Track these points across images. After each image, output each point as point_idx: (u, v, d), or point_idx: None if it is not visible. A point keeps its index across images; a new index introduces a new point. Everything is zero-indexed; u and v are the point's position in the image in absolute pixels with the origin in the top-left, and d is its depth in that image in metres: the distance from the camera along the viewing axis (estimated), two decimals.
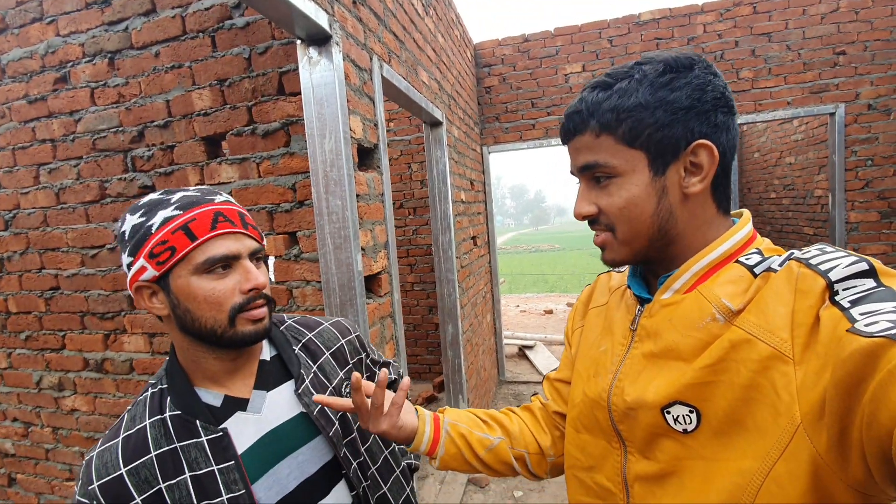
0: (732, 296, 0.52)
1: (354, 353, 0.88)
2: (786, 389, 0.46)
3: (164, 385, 0.69)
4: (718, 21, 3.59)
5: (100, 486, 0.62)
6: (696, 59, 0.56)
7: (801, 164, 4.89)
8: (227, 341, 0.66)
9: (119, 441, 0.66)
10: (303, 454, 0.72)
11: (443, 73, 2.86)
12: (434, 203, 2.78)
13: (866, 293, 0.43)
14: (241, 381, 0.72)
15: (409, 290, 4.45)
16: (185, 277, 0.63)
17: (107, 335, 1.85)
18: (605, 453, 0.64)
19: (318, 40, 1.33)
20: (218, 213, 0.65)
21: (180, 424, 0.66)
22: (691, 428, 0.53)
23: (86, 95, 1.74)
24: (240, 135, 1.52)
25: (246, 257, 0.66)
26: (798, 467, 0.45)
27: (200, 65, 1.54)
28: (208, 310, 0.64)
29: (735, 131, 0.57)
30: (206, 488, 0.63)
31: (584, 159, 0.59)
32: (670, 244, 0.59)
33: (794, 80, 3.48)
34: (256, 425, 0.70)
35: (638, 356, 0.60)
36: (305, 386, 0.75)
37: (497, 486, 2.87)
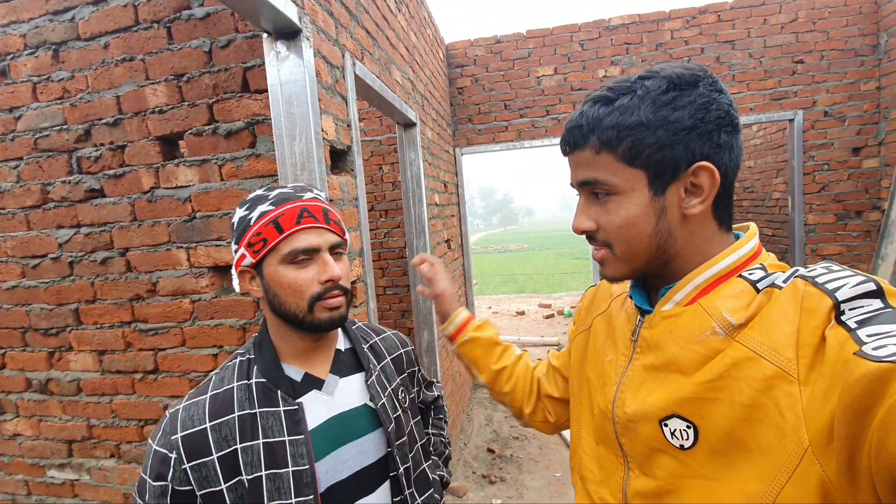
0: (734, 310, 0.52)
1: (409, 365, 0.95)
2: (791, 410, 0.45)
3: (253, 355, 0.76)
4: (685, 28, 3.67)
5: (183, 437, 0.67)
6: (700, 76, 0.54)
7: (760, 168, 5.08)
8: (307, 325, 0.72)
9: (207, 398, 0.71)
10: (361, 444, 0.76)
11: (416, 73, 2.79)
12: (408, 206, 2.70)
13: (873, 314, 0.42)
14: (319, 364, 0.78)
15: (381, 295, 4.35)
16: (274, 266, 0.71)
17: (51, 353, 1.69)
18: (613, 467, 0.64)
19: (286, 34, 1.24)
20: (304, 209, 0.72)
21: (263, 391, 0.72)
22: (688, 444, 0.52)
23: (27, 91, 1.58)
24: (199, 134, 1.40)
25: (326, 250, 0.73)
26: (807, 491, 0.44)
27: (155, 58, 1.41)
28: (291, 296, 0.71)
29: (738, 150, 0.56)
30: (276, 457, 0.68)
31: (584, 175, 0.59)
32: (669, 262, 0.58)
33: (756, 86, 3.60)
34: (327, 406, 0.75)
35: (639, 368, 0.60)
36: (373, 380, 0.81)
37: (475, 494, 2.82)
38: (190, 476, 0.66)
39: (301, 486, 0.68)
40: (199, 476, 0.66)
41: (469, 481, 2.96)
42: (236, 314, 1.46)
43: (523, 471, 3.05)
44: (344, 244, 0.77)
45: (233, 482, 0.67)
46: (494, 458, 3.21)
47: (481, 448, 3.37)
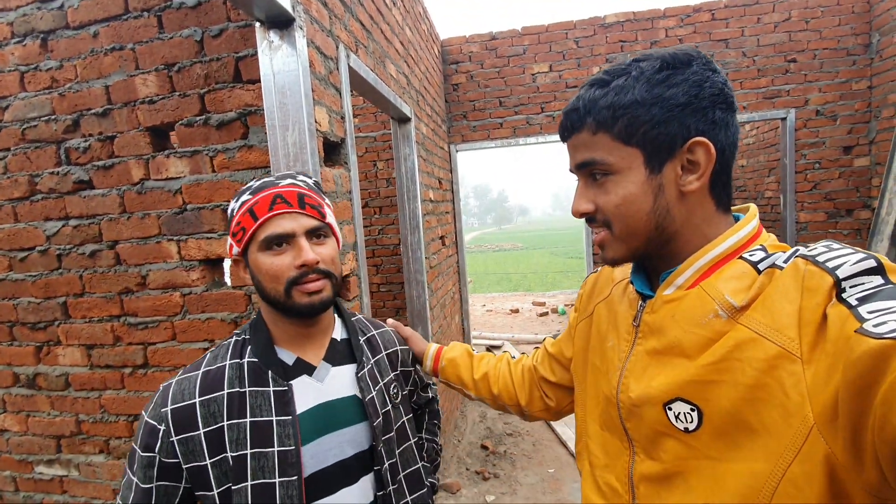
0: (736, 292, 0.52)
1: (405, 364, 0.95)
2: (795, 389, 0.45)
3: (248, 336, 0.78)
4: (679, 26, 3.68)
5: (172, 410, 0.69)
6: (694, 56, 0.55)
7: (753, 167, 5.11)
8: (288, 310, 0.73)
9: (199, 374, 0.73)
10: (346, 434, 0.76)
11: (411, 68, 2.77)
12: (402, 202, 2.69)
13: (874, 290, 0.42)
14: (312, 350, 0.79)
15: (375, 292, 4.34)
16: (254, 253, 0.73)
17: (39, 347, 1.66)
18: (618, 452, 0.64)
19: (279, 23, 1.22)
20: (277, 195, 0.72)
21: (254, 371, 0.73)
22: (692, 427, 0.53)
23: (14, 80, 1.55)
24: (191, 125, 1.38)
25: (301, 235, 0.73)
26: (814, 468, 0.44)
27: (145, 47, 1.39)
28: (270, 281, 0.72)
29: (735, 128, 0.57)
30: (263, 436, 0.69)
31: (582, 157, 0.59)
32: (668, 242, 0.59)
33: (749, 85, 3.61)
34: (316, 393, 0.76)
35: (642, 353, 0.61)
36: (364, 373, 0.82)
37: (469, 490, 2.81)
38: (177, 449, 0.68)
39: (286, 467, 0.69)
40: (185, 449, 0.68)
41: (463, 477, 2.95)
42: (228, 307, 1.44)
43: (517, 467, 3.05)
44: (325, 228, 0.77)
45: (218, 458, 0.68)
46: (488, 455, 3.21)
47: (475, 444, 3.37)
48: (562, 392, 0.88)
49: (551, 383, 0.89)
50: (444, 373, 1.00)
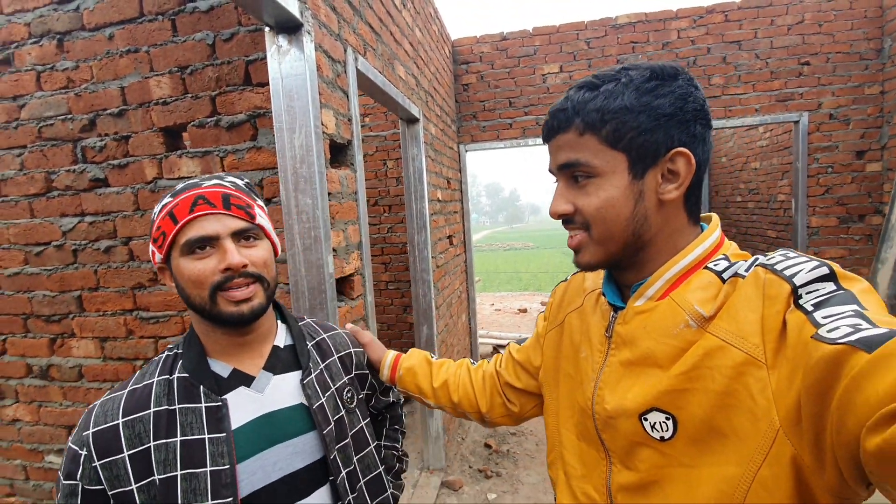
0: (703, 302, 0.54)
1: (359, 367, 0.91)
2: (762, 394, 0.47)
3: (181, 350, 0.73)
4: (692, 27, 3.65)
5: (94, 434, 0.65)
6: (680, 70, 0.57)
7: (766, 170, 5.06)
8: (215, 318, 0.69)
9: (125, 393, 0.69)
10: (293, 446, 0.72)
11: (420, 69, 2.79)
12: (410, 202, 2.71)
13: (827, 296, 0.45)
14: (250, 360, 0.75)
15: (383, 290, 4.37)
16: (177, 259, 0.68)
17: (53, 339, 1.72)
18: (595, 462, 0.65)
19: (288, 28, 1.25)
20: (199, 196, 0.68)
21: (184, 387, 0.68)
22: (668, 435, 0.54)
23: (31, 79, 1.60)
24: (202, 126, 1.42)
25: (226, 237, 0.68)
26: (782, 471, 0.46)
27: (159, 50, 1.43)
28: (193, 288, 0.67)
29: (710, 144, 0.59)
30: (193, 456, 0.65)
31: (566, 157, 0.59)
32: (642, 249, 0.60)
33: (761, 87, 3.57)
34: (256, 404, 0.71)
35: (616, 364, 0.61)
36: (311, 379, 0.77)
37: (471, 488, 2.84)
38: (100, 474, 0.63)
39: (219, 487, 0.64)
40: (109, 475, 0.63)
41: (465, 475, 2.98)
42: None
43: (519, 466, 3.07)
44: (255, 229, 0.72)
45: (144, 482, 0.63)
46: (491, 454, 3.23)
47: (479, 443, 3.39)
48: (526, 397, 0.87)
49: (517, 389, 0.88)
50: (401, 382, 0.96)
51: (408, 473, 2.98)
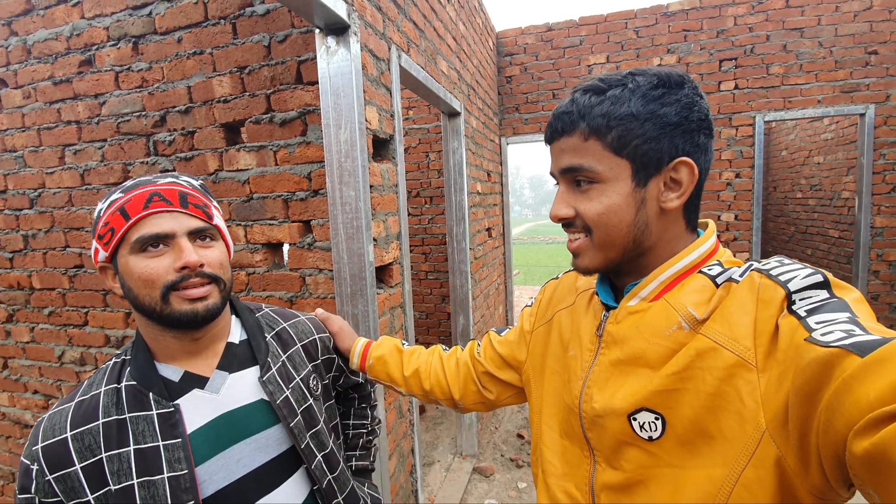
0: (697, 305, 0.54)
1: (325, 352, 0.90)
2: (750, 396, 0.47)
3: (129, 356, 0.71)
4: (750, 14, 3.47)
5: (43, 448, 0.63)
6: (686, 78, 0.57)
7: (830, 165, 4.74)
8: (167, 320, 0.66)
9: (72, 406, 0.67)
10: (256, 441, 0.71)
11: (463, 63, 2.83)
12: (449, 194, 2.77)
13: (821, 303, 0.45)
14: (203, 360, 0.72)
15: (422, 279, 4.47)
16: (125, 257, 0.65)
17: (128, 313, 1.91)
18: (578, 461, 0.65)
19: (336, 30, 1.33)
20: (154, 193, 0.66)
21: (133, 395, 0.66)
22: (656, 435, 0.54)
23: (110, 79, 1.77)
24: (258, 122, 1.54)
25: (183, 236, 0.66)
26: (766, 473, 0.46)
27: (221, 51, 1.55)
28: (143, 287, 0.65)
29: (711, 154, 0.59)
30: (149, 464, 0.63)
31: (569, 161, 0.59)
32: (641, 256, 0.60)
33: (825, 77, 3.36)
34: (212, 405, 0.70)
35: (605, 363, 0.61)
36: (271, 374, 0.75)
37: (502, 476, 2.90)
38: (55, 487, 0.62)
39: (178, 493, 0.63)
40: (64, 487, 0.62)
41: (497, 463, 3.04)
42: (285, 287, 1.60)
43: None
44: (212, 229, 0.71)
45: (100, 492, 0.62)
46: (523, 444, 3.28)
47: (511, 433, 3.44)
48: (503, 387, 0.87)
49: (497, 379, 0.87)
50: (372, 371, 0.95)
51: (441, 457, 3.08)
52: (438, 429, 3.53)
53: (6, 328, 2.19)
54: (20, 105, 1.95)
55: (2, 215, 2.09)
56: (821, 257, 4.97)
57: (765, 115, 3.48)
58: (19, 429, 2.28)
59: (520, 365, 0.83)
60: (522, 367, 0.82)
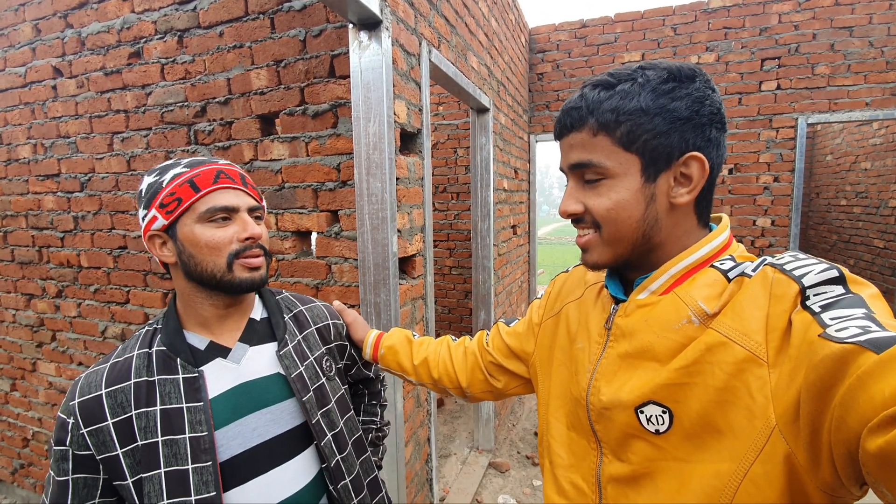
0: (708, 299, 0.54)
1: (338, 338, 0.95)
2: (760, 392, 0.47)
3: (160, 325, 0.77)
4: (796, 11, 3.33)
5: (79, 403, 0.69)
6: (697, 72, 0.56)
7: (878, 171, 4.51)
8: (226, 285, 0.73)
9: (107, 366, 0.73)
10: (272, 413, 0.76)
11: (493, 59, 2.83)
12: (475, 190, 2.79)
13: (836, 299, 0.44)
14: (228, 332, 0.78)
15: (446, 274, 4.51)
16: (189, 226, 0.71)
17: (165, 294, 2.02)
18: (585, 453, 0.65)
19: (368, 25, 1.36)
20: (220, 171, 0.73)
21: (162, 359, 0.72)
22: (663, 429, 0.54)
23: (156, 70, 1.87)
24: (292, 114, 1.59)
25: (244, 211, 0.74)
26: (774, 469, 0.46)
27: (259, 45, 1.61)
28: (209, 254, 0.71)
29: (724, 149, 0.58)
30: (173, 423, 0.69)
31: (578, 157, 0.59)
32: (651, 251, 0.60)
33: (874, 79, 3.19)
34: (233, 374, 0.75)
35: (613, 356, 0.61)
36: (288, 350, 0.81)
37: (517, 472, 2.91)
38: (88, 441, 0.67)
39: (198, 452, 0.68)
40: (96, 441, 0.67)
41: (513, 459, 3.05)
42: (311, 274, 1.66)
43: None
44: (262, 210, 0.78)
45: (129, 448, 0.68)
46: None
47: (529, 431, 3.44)
48: (510, 377, 0.88)
49: (504, 369, 0.88)
50: (383, 360, 0.98)
51: (458, 451, 3.11)
52: (456, 422, 3.56)
53: (56, 303, 2.35)
54: (74, 94, 2.08)
55: (55, 197, 2.23)
56: (864, 268, 4.74)
57: (808, 117, 3.34)
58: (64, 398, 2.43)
59: (527, 356, 0.84)
60: (530, 358, 0.83)
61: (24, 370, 2.56)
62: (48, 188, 2.25)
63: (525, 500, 2.64)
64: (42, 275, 2.37)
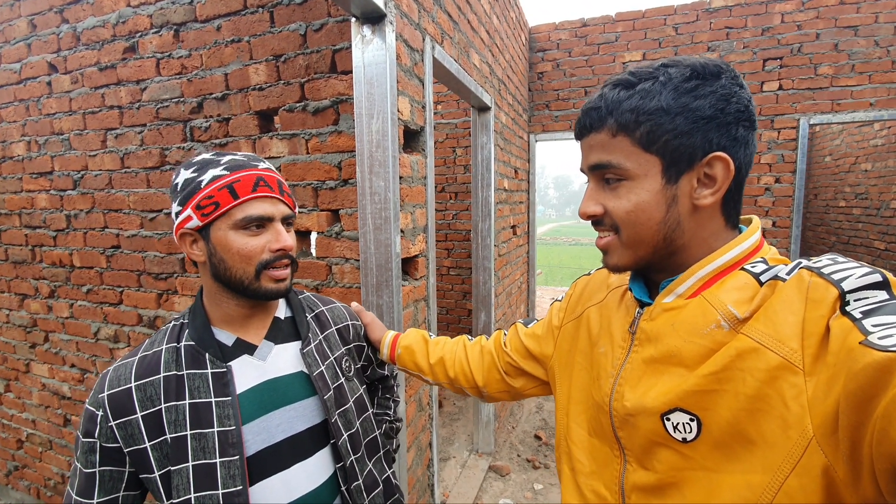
0: (738, 303, 0.51)
1: (357, 338, 0.96)
2: (796, 401, 0.45)
3: (186, 320, 0.78)
4: (799, 10, 3.31)
5: (108, 396, 0.70)
6: (723, 68, 0.54)
7: (879, 172, 4.50)
8: (252, 293, 0.74)
9: (136, 359, 0.74)
10: (295, 410, 0.77)
11: (495, 57, 2.80)
12: (476, 189, 2.75)
13: (879, 305, 0.42)
14: (254, 330, 0.79)
15: (444, 275, 4.47)
16: (223, 231, 0.71)
17: (160, 294, 1.97)
18: (608, 460, 0.63)
19: (372, 19, 1.32)
20: (260, 178, 0.73)
21: (191, 354, 0.73)
22: (691, 437, 0.52)
23: (152, 65, 1.82)
24: (291, 111, 1.55)
25: (279, 220, 0.74)
26: (811, 482, 0.44)
27: (258, 40, 1.57)
28: (239, 261, 0.72)
29: (753, 147, 0.55)
30: (201, 417, 0.69)
31: (597, 158, 0.58)
32: (674, 254, 0.58)
33: (880, 79, 3.17)
34: (259, 371, 0.76)
35: (638, 361, 0.59)
36: (310, 348, 0.82)
37: (518, 476, 2.88)
38: (116, 433, 0.68)
39: (226, 447, 0.69)
40: (125, 434, 0.68)
41: (513, 463, 3.02)
42: (311, 275, 1.62)
43: None
44: (294, 217, 0.79)
45: (157, 441, 0.68)
46: (540, 445, 3.24)
47: (528, 434, 3.41)
48: (528, 378, 0.87)
49: (522, 370, 0.87)
50: (400, 360, 0.98)
51: (457, 454, 3.08)
52: (455, 425, 3.53)
53: (48, 303, 2.29)
54: (68, 90, 2.03)
55: (48, 195, 2.18)
56: None
57: (810, 117, 3.32)
58: (57, 399, 2.39)
59: (546, 359, 0.83)
60: (549, 361, 0.82)
61: (18, 371, 2.51)
62: (41, 186, 2.20)
63: None
64: (35, 274, 2.32)
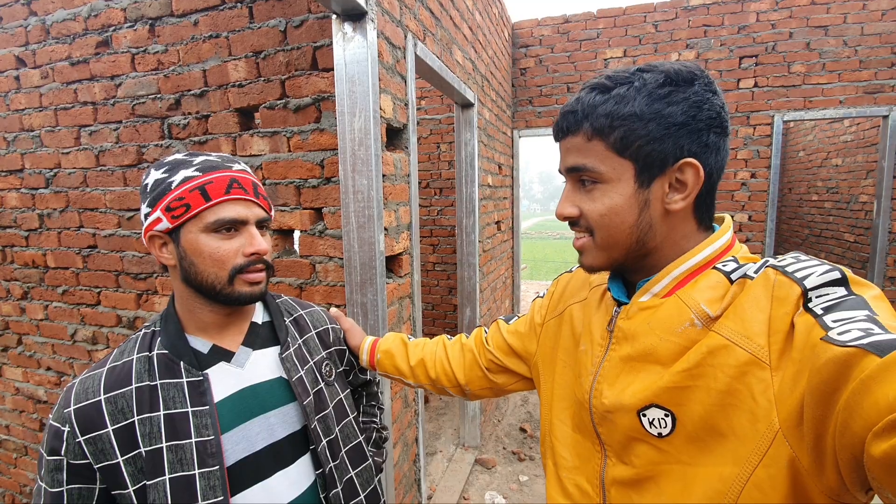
0: (710, 301, 0.53)
1: (337, 342, 0.94)
2: (763, 395, 0.47)
3: (158, 328, 0.74)
4: (773, 10, 3.39)
5: (76, 410, 0.66)
6: (698, 75, 0.55)
7: (848, 167, 4.65)
8: (224, 298, 0.71)
9: (104, 371, 0.70)
10: (275, 416, 0.75)
11: (478, 53, 2.80)
12: (460, 186, 2.76)
13: (838, 301, 0.44)
14: (230, 336, 0.76)
15: (430, 271, 4.48)
16: (194, 234, 0.68)
17: (139, 295, 1.93)
18: (589, 455, 0.65)
19: (353, 16, 1.31)
20: (233, 179, 0.70)
21: (164, 363, 0.70)
22: (666, 432, 0.54)
23: (126, 61, 1.78)
24: (272, 108, 1.53)
25: (253, 224, 0.72)
26: (778, 472, 0.46)
27: (237, 35, 1.54)
28: (211, 266, 0.69)
29: (725, 153, 0.57)
30: (177, 428, 0.67)
31: (573, 161, 0.59)
32: (647, 256, 0.60)
33: (848, 77, 3.28)
34: (237, 378, 0.74)
35: (616, 359, 0.61)
36: (289, 353, 0.80)
37: (503, 468, 2.91)
38: (85, 449, 0.64)
39: (205, 457, 0.66)
40: (94, 449, 0.64)
41: (499, 455, 3.06)
42: (295, 274, 1.61)
43: None
44: (269, 220, 0.76)
45: (130, 455, 0.65)
46: (525, 438, 3.29)
47: (514, 426, 3.45)
48: (510, 375, 0.88)
49: (505, 368, 0.88)
50: (381, 366, 0.97)
51: (444, 448, 3.10)
52: (441, 419, 3.55)
53: (21, 305, 2.23)
54: (38, 85, 1.96)
55: (18, 193, 2.12)
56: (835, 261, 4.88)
57: (784, 114, 3.41)
58: (32, 403, 2.33)
59: (529, 356, 0.84)
60: (532, 358, 0.83)
61: None
62: (11, 184, 2.13)
63: (512, 497, 2.65)
64: (6, 276, 2.25)
